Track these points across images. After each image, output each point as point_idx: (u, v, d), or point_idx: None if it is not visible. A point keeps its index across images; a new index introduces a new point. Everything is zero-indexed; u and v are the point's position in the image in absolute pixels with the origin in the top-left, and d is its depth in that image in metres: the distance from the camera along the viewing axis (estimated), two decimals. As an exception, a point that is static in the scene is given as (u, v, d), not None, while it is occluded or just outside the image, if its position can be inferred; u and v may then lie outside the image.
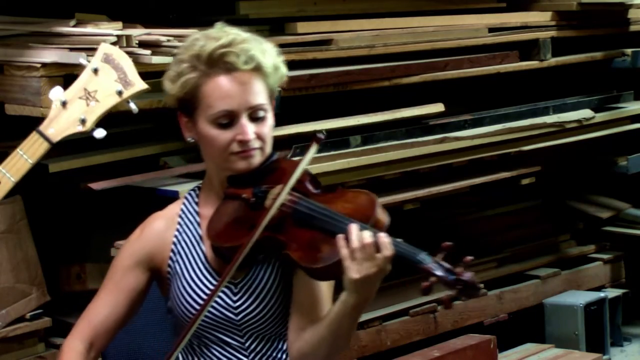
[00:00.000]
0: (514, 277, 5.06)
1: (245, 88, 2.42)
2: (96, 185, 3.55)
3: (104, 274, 2.78)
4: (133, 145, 3.83)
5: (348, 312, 2.36)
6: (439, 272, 2.26)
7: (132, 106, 2.48)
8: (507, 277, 5.04)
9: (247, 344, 2.50)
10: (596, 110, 5.10)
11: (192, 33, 2.53)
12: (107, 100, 2.45)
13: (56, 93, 2.44)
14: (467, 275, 2.26)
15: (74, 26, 3.45)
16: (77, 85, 2.45)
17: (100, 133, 2.46)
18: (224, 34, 2.45)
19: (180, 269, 2.51)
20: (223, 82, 2.42)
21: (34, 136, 2.42)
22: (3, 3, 3.69)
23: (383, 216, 2.37)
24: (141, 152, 3.83)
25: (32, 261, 3.69)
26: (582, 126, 4.98)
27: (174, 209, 2.58)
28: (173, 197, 3.51)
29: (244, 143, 2.42)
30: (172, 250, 2.53)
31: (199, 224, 2.53)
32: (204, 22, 3.99)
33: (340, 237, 2.30)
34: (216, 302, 2.46)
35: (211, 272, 2.49)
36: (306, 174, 2.45)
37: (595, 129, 5.07)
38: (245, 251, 2.35)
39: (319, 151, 2.64)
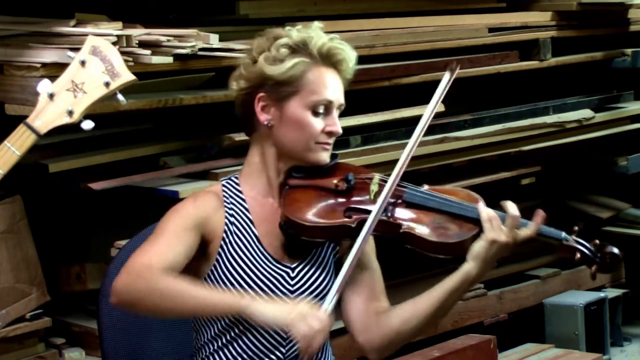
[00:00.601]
0: (514, 277, 5.07)
1: (340, 86, 2.59)
2: (96, 185, 3.55)
3: (104, 274, 2.78)
4: (133, 145, 3.83)
5: (466, 285, 2.49)
6: (583, 248, 2.49)
7: (120, 98, 2.48)
8: (507, 277, 5.04)
9: (289, 335, 2.48)
10: (596, 110, 5.10)
11: (269, 31, 2.59)
12: (94, 92, 2.45)
13: (44, 86, 2.45)
14: (612, 248, 2.50)
15: (74, 26, 3.45)
16: (64, 78, 2.46)
17: (88, 125, 2.46)
18: (323, 32, 2.59)
19: (234, 249, 2.52)
20: (330, 74, 2.56)
21: (21, 128, 2.43)
22: (3, 3, 3.69)
23: None
24: (141, 152, 3.82)
25: (32, 261, 3.68)
26: (582, 126, 4.99)
27: (217, 192, 2.58)
28: (173, 197, 3.51)
29: (331, 135, 2.56)
30: (225, 231, 2.53)
31: (247, 210, 2.56)
32: (204, 22, 4.01)
33: (482, 204, 2.50)
34: (273, 284, 2.51)
35: (265, 254, 2.53)
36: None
37: (595, 129, 5.07)
38: (368, 228, 2.45)
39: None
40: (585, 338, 4.92)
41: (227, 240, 2.53)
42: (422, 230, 2.49)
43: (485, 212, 2.49)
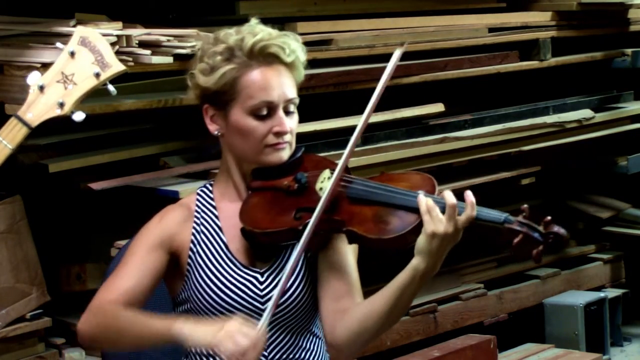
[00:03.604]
0: (514, 277, 5.07)
1: (283, 81, 2.50)
2: (96, 185, 3.55)
3: (104, 274, 2.78)
4: (133, 145, 3.83)
5: (416, 280, 2.38)
6: (525, 230, 2.33)
7: (111, 88, 2.47)
8: (507, 277, 5.04)
9: (267, 336, 2.47)
10: (596, 110, 5.11)
11: (217, 31, 2.56)
12: (85, 83, 2.44)
13: (34, 78, 2.44)
14: (556, 227, 2.33)
15: (74, 26, 3.45)
16: (54, 69, 2.45)
17: (79, 116, 2.44)
18: (259, 29, 2.53)
19: (202, 259, 2.52)
20: (264, 73, 2.48)
21: (12, 121, 2.42)
22: (3, 3, 3.69)
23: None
24: (141, 152, 3.83)
25: (32, 261, 3.69)
26: (582, 126, 4.99)
27: (188, 203, 2.60)
28: (173, 197, 3.51)
29: (280, 135, 2.49)
30: (192, 242, 2.54)
31: (217, 217, 2.56)
32: (204, 22, 4.01)
33: (421, 196, 2.35)
34: (242, 290, 2.49)
35: (234, 261, 2.52)
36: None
37: (595, 129, 5.07)
38: (309, 230, 2.38)
39: (319, 151, 2.66)
40: (585, 338, 4.92)
41: (194, 250, 2.53)
42: (363, 227, 2.40)
43: (424, 203, 2.35)
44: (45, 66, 3.33)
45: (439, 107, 4.51)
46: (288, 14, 4.26)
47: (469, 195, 2.35)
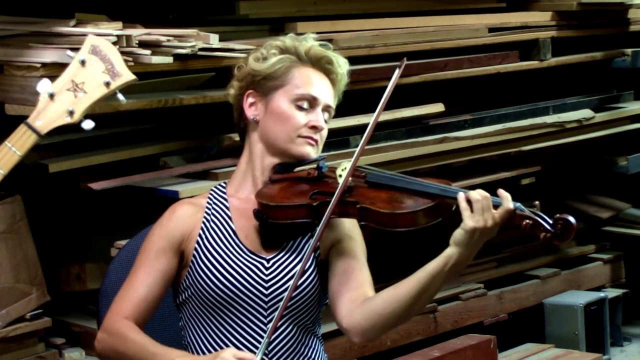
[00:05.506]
0: (514, 277, 5.07)
1: (328, 88, 2.68)
2: (96, 185, 3.55)
3: (104, 274, 2.79)
4: (133, 145, 3.83)
5: (447, 269, 2.45)
6: (536, 216, 2.41)
7: (121, 97, 2.50)
8: (507, 277, 5.04)
9: (269, 326, 2.52)
10: (596, 110, 5.10)
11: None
12: (95, 92, 2.46)
13: (44, 85, 2.46)
14: (566, 214, 2.41)
15: (74, 26, 3.45)
16: (64, 77, 2.47)
17: (88, 124, 2.47)
18: (314, 40, 2.71)
19: (210, 244, 2.59)
20: (314, 74, 2.66)
21: (22, 129, 2.44)
22: (3, 3, 3.69)
23: None
24: (141, 152, 3.83)
25: (32, 261, 3.69)
26: (582, 126, 4.99)
27: (199, 199, 2.68)
28: (173, 197, 3.51)
29: (314, 129, 2.62)
30: (201, 229, 2.60)
31: (227, 208, 2.63)
32: (204, 22, 4.01)
33: (460, 192, 2.44)
34: (247, 274, 2.56)
35: (240, 246, 2.59)
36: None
37: (595, 129, 5.07)
38: (331, 208, 2.49)
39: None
40: (585, 338, 4.92)
41: (202, 237, 2.60)
42: (377, 204, 2.51)
43: (463, 195, 2.43)
44: (45, 66, 3.34)
45: (439, 107, 4.51)
46: (288, 14, 4.26)
47: (502, 191, 2.44)
